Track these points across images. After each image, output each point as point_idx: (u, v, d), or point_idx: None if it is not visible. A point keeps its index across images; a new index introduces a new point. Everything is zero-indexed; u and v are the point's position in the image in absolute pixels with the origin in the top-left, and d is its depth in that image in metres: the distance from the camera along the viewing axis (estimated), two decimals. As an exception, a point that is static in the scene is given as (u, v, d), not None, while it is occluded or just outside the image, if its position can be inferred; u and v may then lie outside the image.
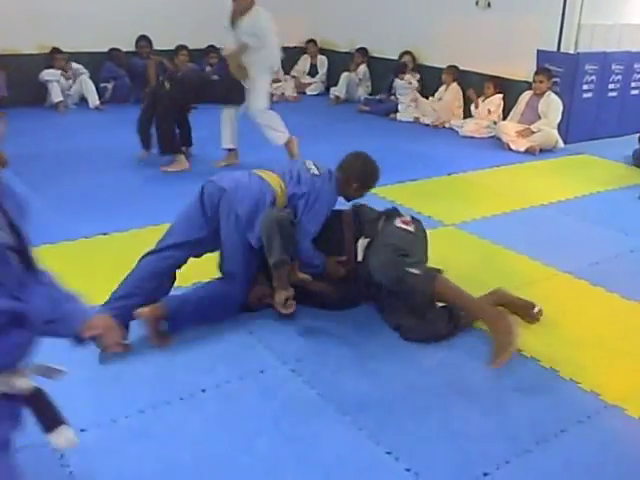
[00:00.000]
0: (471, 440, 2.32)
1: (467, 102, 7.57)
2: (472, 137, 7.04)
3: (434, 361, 2.79)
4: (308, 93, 9.32)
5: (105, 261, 3.71)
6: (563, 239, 4.23)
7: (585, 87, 6.83)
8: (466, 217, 4.53)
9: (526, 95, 6.71)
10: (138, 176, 5.37)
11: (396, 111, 7.94)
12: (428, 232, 4.23)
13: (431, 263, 3.14)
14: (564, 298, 3.42)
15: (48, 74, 7.82)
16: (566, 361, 2.80)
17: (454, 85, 7.63)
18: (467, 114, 7.55)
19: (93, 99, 7.99)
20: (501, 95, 7.22)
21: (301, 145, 6.44)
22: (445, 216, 4.52)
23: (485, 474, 2.16)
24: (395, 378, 2.67)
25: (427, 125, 7.58)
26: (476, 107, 7.32)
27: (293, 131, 6.55)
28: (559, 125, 6.57)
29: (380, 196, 4.93)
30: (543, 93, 6.53)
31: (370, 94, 8.78)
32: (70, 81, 7.93)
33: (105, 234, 4.08)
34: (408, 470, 2.17)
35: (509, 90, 7.17)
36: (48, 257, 3.64)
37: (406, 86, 7.90)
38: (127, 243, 3.96)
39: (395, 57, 8.28)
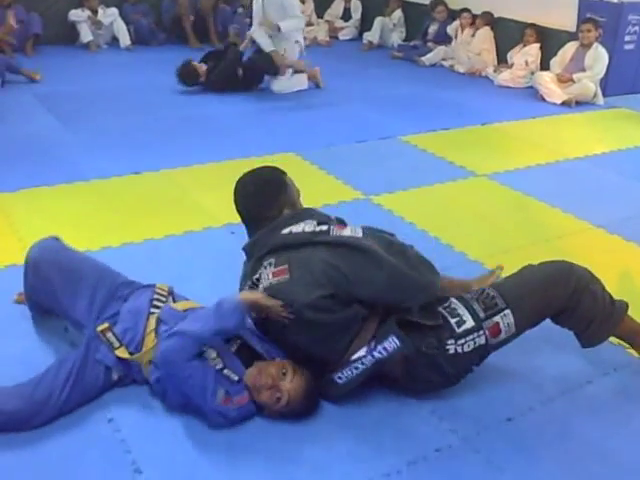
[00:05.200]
0: (497, 388, 2.34)
1: (501, 50, 7.38)
2: (507, 87, 6.88)
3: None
4: (341, 38, 9.14)
5: (136, 200, 3.74)
6: (597, 193, 4.16)
7: (627, 38, 6.59)
8: (499, 168, 4.47)
9: (571, 46, 6.47)
10: (170, 116, 5.36)
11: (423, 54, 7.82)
12: (460, 183, 4.26)
13: (463, 215, 3.10)
14: (596, 252, 3.38)
15: (75, 14, 7.75)
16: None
17: (486, 29, 7.43)
18: (499, 61, 7.36)
19: (124, 39, 7.93)
20: (539, 44, 7.02)
21: (333, 90, 6.38)
22: (477, 166, 4.47)
23: (509, 419, 2.19)
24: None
25: (462, 73, 7.42)
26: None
27: (324, 75, 6.49)
28: (600, 79, 6.40)
29: (412, 144, 4.89)
30: (590, 44, 6.29)
31: (404, 40, 8.59)
32: (98, 25, 7.84)
33: (137, 173, 4.11)
34: (433, 412, 2.20)
35: (548, 40, 6.96)
36: (81, 195, 3.76)
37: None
38: (158, 183, 3.99)
39: (428, 2, 8.08)
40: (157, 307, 2.29)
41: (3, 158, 4.28)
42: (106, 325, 2.22)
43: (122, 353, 2.18)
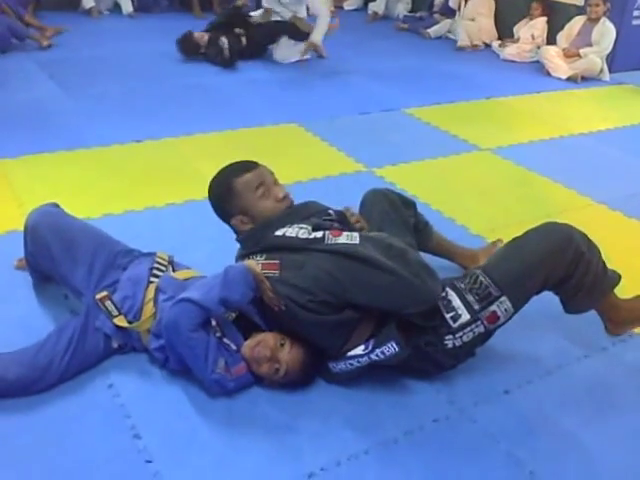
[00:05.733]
0: (494, 360, 2.35)
1: (507, 24, 7.30)
2: (513, 61, 6.82)
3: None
4: (345, 8, 9.03)
5: (138, 168, 3.73)
6: (600, 169, 4.14)
7: (636, 13, 6.51)
8: (502, 142, 4.45)
9: (579, 21, 6.39)
10: (172, 84, 5.32)
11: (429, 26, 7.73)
12: (463, 156, 4.24)
13: (466, 188, 3.09)
14: (597, 228, 3.33)
15: (77, -22, 7.66)
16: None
17: None
18: (505, 35, 7.29)
19: (126, 6, 7.83)
20: (546, 18, 6.94)
21: (337, 61, 6.32)
22: (481, 140, 4.44)
23: (506, 392, 2.21)
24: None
25: (461, 47, 7.31)
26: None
27: (328, 47, 6.42)
28: (607, 54, 6.33)
29: (415, 117, 4.86)
30: (598, 19, 6.20)
31: (410, 11, 8.49)
32: None
33: (138, 141, 4.09)
34: (431, 384, 2.22)
35: (555, 13, 6.88)
36: (82, 162, 3.75)
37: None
38: (160, 151, 3.98)
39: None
40: (156, 276, 2.29)
41: (4, 124, 4.26)
42: (105, 293, 2.21)
43: (120, 322, 2.19)
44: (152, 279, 2.27)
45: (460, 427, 2.06)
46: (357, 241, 2.12)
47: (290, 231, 2.17)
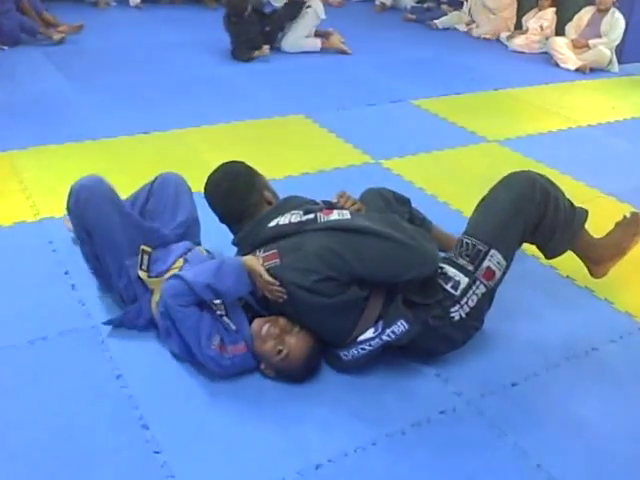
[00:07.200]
0: (502, 352, 2.36)
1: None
2: (521, 52, 6.78)
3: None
4: (353, -1, 9.00)
5: (145, 159, 3.72)
6: (609, 161, 4.12)
7: (647, 2, 6.47)
8: (510, 134, 4.43)
9: (588, 11, 6.35)
10: (180, 76, 5.30)
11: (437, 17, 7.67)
12: (471, 148, 4.23)
13: (473, 180, 3.08)
14: (605, 220, 3.33)
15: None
16: (602, 282, 2.78)
17: None
18: (517, 26, 7.24)
19: (134, -4, 7.82)
20: (554, 9, 6.89)
21: (341, 54, 6.29)
22: (489, 132, 4.42)
23: (513, 384, 2.21)
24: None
25: (477, 37, 7.29)
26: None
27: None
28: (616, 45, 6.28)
29: (423, 108, 4.84)
30: (607, 9, 6.16)
31: (417, 2, 8.43)
32: None
33: (146, 133, 4.09)
34: (438, 375, 2.22)
35: (564, 4, 6.82)
36: (90, 154, 3.75)
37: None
38: (167, 143, 3.97)
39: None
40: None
41: (11, 116, 4.26)
42: (149, 249, 2.34)
43: (142, 274, 2.30)
44: (187, 254, 2.40)
45: (467, 419, 2.07)
46: (349, 216, 2.18)
47: (282, 219, 2.22)
